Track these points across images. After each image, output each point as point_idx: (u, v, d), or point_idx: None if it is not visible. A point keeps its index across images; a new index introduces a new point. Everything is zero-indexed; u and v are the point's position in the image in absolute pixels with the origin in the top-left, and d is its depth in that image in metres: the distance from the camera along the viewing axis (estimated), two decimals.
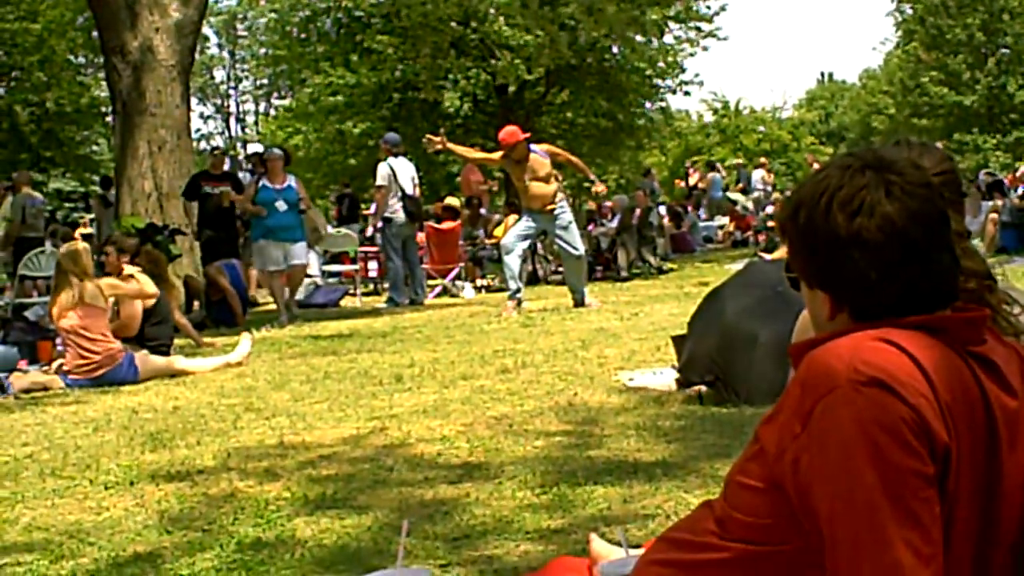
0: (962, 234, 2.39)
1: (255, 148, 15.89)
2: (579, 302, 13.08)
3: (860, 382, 1.84)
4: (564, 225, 13.07)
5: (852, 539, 1.81)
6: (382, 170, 15.76)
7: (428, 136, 14.02)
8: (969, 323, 2.02)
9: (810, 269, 2.08)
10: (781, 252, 6.08)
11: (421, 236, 17.52)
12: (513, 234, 13.25)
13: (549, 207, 12.91)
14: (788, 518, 1.95)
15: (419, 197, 16.17)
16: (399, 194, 15.69)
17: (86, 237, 19.40)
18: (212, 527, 4.46)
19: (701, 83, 56.62)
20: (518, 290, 13.07)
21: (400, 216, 15.71)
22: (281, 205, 14.30)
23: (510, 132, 13.18)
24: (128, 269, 10.32)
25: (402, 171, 15.75)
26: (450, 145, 13.81)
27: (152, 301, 10.27)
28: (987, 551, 1.97)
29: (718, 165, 36.34)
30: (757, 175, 31.62)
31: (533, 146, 13.08)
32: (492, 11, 27.04)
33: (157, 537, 4.39)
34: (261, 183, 14.55)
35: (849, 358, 1.88)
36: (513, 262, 13.07)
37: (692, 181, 31.84)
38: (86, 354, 9.20)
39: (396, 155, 16.01)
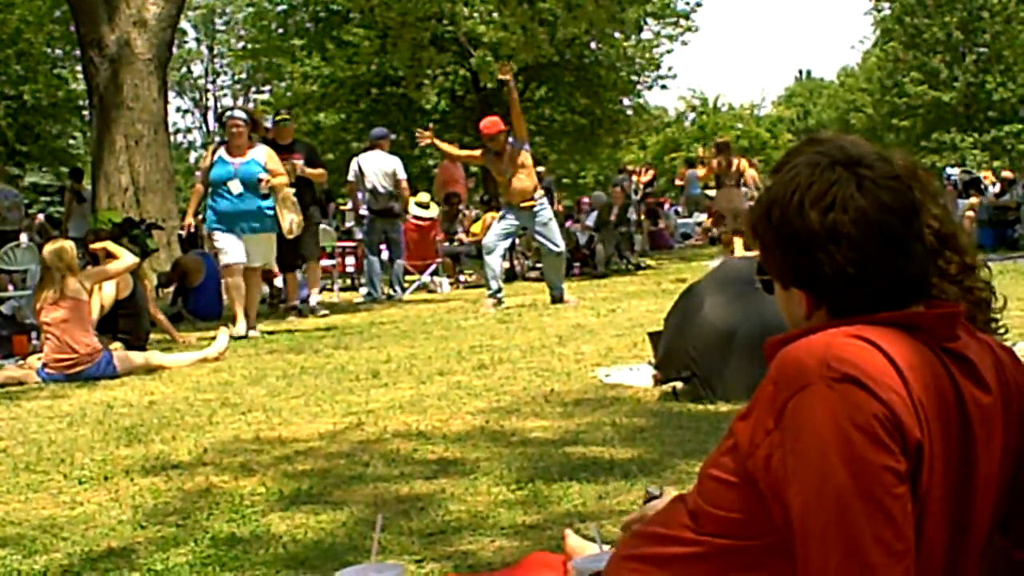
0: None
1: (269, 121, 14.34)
2: (557, 299, 13.10)
3: (833, 378, 1.84)
4: (544, 221, 13.09)
5: (823, 535, 1.81)
6: (352, 166, 15.79)
7: (418, 130, 13.99)
8: (943, 319, 2.03)
9: (785, 268, 2.08)
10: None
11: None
12: (494, 233, 13.24)
13: (529, 203, 12.92)
14: (761, 513, 1.95)
15: (391, 191, 15.80)
16: (369, 189, 15.65)
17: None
18: (187, 522, 4.45)
19: (675, 76, 56.76)
20: (499, 290, 13.09)
21: (368, 214, 15.71)
22: (235, 186, 11.62)
23: (492, 122, 13.25)
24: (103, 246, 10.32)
25: (372, 166, 15.66)
26: (436, 140, 13.78)
27: (127, 292, 10.24)
28: (960, 547, 1.98)
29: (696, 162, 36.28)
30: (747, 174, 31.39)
31: (512, 138, 13.08)
32: (466, 8, 27.06)
33: (131, 532, 4.37)
34: (217, 155, 11.92)
35: (822, 354, 1.88)
36: (494, 262, 13.09)
37: (645, 179, 30.71)
38: (66, 350, 9.15)
39: (367, 149, 15.98)
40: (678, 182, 31.83)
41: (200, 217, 14.83)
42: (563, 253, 13.57)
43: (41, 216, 29.91)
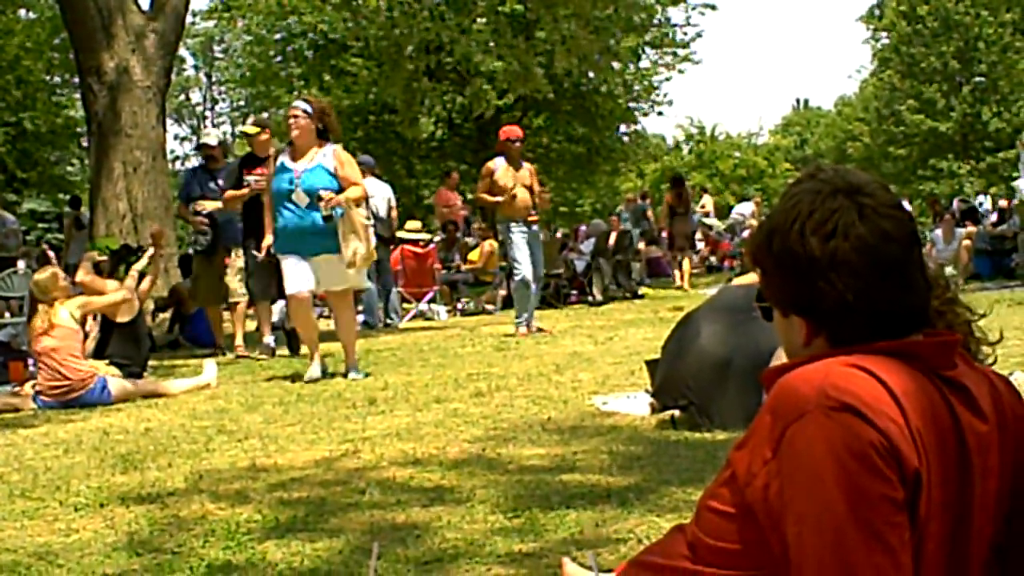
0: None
1: (209, 139, 13.60)
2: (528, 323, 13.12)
3: (830, 407, 1.84)
4: (540, 240, 13.16)
5: (820, 564, 1.81)
6: None
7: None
8: (940, 348, 2.03)
9: (785, 295, 2.08)
10: (750, 277, 6.10)
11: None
12: (525, 261, 13.08)
13: (532, 216, 12.98)
14: (758, 544, 1.95)
15: (393, 220, 16.09)
16: (372, 217, 15.67)
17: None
18: (182, 550, 4.43)
19: (671, 102, 56.91)
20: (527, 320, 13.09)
21: (373, 239, 15.68)
22: (300, 197, 9.54)
23: (513, 127, 13.65)
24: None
25: (376, 194, 15.73)
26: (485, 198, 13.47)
27: (129, 316, 10.22)
28: (958, 574, 1.97)
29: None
30: (748, 208, 31.39)
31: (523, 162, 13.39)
32: (463, 36, 27.14)
33: (127, 560, 4.35)
34: (280, 159, 9.86)
35: (819, 383, 1.88)
36: (530, 296, 13.11)
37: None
38: (59, 378, 9.15)
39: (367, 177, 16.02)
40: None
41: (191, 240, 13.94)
42: (540, 280, 13.63)
43: (46, 245, 29.94)
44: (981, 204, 28.45)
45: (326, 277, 9.72)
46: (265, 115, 22.51)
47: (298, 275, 9.65)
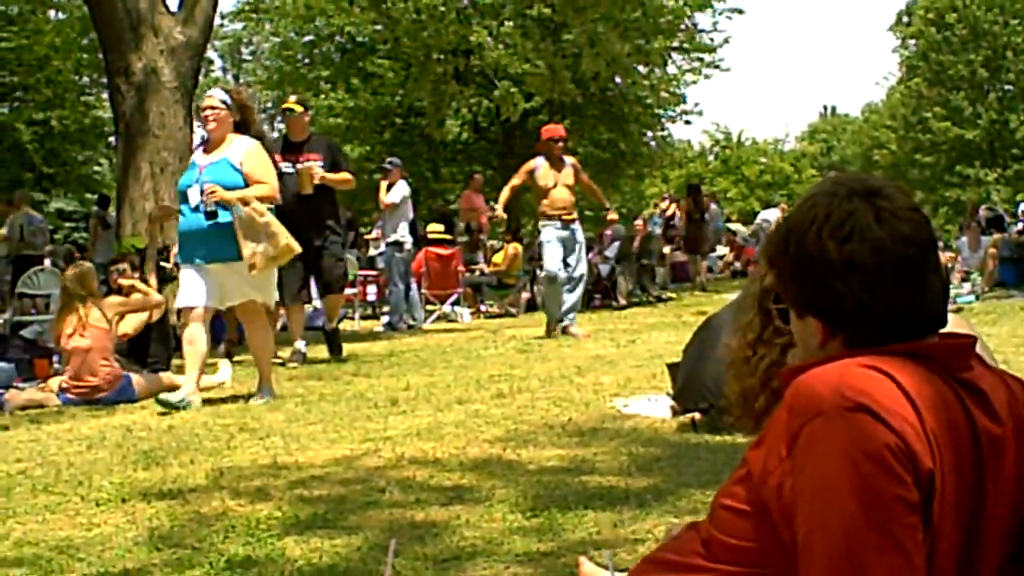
0: None
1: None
2: (566, 328, 12.95)
3: (845, 407, 1.84)
4: (582, 242, 13.07)
5: (832, 565, 1.81)
6: (403, 190, 15.60)
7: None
8: (956, 350, 2.03)
9: (802, 297, 2.08)
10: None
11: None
12: (556, 259, 12.90)
13: (570, 216, 12.91)
14: (772, 541, 1.96)
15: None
16: (410, 218, 15.69)
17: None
18: (202, 545, 4.45)
19: (700, 112, 56.79)
20: (560, 319, 12.99)
21: (410, 241, 15.68)
22: (193, 195, 8.56)
23: (556, 127, 13.72)
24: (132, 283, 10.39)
25: (411, 196, 15.83)
26: (502, 201, 13.48)
27: (159, 315, 10.28)
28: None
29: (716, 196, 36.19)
30: (774, 214, 31.26)
31: (565, 157, 13.29)
32: (491, 39, 27.10)
33: (147, 554, 4.38)
34: (193, 156, 9.13)
35: (835, 383, 1.88)
36: (560, 294, 12.99)
37: (668, 212, 27.29)
38: (86, 377, 9.18)
39: (397, 180, 16.05)
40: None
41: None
42: (583, 280, 13.43)
43: (71, 245, 30.04)
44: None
45: (226, 290, 8.71)
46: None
47: (192, 287, 8.61)
